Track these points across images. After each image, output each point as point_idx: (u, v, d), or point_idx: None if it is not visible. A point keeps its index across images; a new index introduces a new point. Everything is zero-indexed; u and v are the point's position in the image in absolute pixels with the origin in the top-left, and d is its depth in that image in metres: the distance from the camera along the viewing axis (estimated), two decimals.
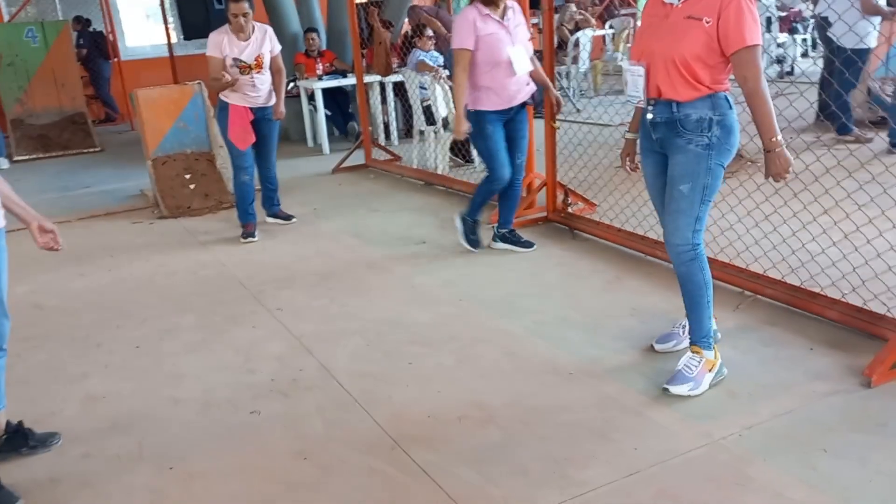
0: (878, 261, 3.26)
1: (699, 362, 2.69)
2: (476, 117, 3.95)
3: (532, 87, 4.05)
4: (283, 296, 3.90)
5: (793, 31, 11.97)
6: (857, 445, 2.30)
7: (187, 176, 5.90)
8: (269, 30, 4.85)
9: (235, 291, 4.03)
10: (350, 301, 3.78)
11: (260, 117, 4.86)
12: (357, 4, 7.39)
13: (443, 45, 7.19)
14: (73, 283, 4.35)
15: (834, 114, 5.92)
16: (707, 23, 2.40)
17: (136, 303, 3.98)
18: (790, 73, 10.73)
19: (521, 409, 2.66)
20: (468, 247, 4.35)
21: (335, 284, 4.03)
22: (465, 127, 3.91)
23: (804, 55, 11.99)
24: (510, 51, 3.84)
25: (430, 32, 7.09)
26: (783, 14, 12.21)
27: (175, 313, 3.77)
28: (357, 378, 2.97)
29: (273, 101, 4.93)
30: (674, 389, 2.66)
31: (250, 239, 4.92)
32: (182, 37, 11.72)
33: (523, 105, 4.05)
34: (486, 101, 3.93)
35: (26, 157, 8.56)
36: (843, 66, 5.71)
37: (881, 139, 5.94)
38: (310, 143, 8.33)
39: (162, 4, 9.60)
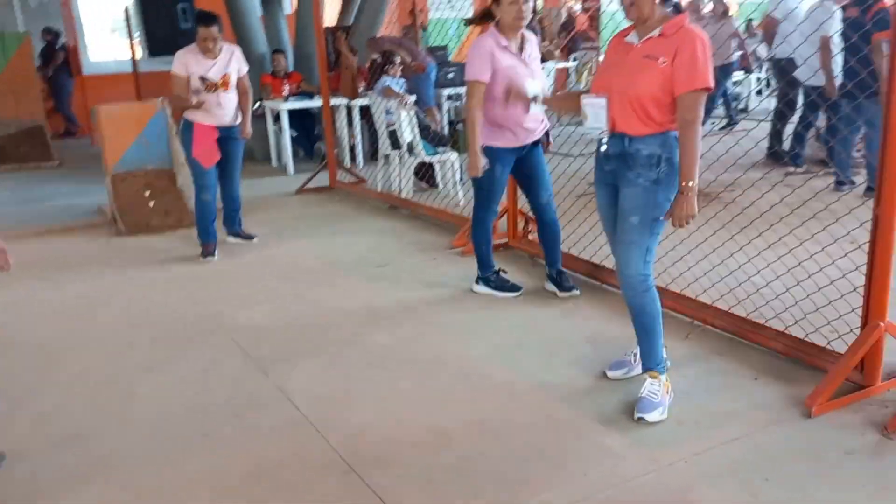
0: (819, 295, 3.39)
1: (659, 386, 2.77)
2: (487, 154, 3.69)
3: (547, 124, 3.86)
4: (242, 316, 3.89)
5: (748, 71, 12.38)
6: (797, 475, 2.38)
7: (147, 193, 5.85)
8: (238, 50, 4.89)
9: (193, 311, 4.00)
10: (309, 322, 3.79)
11: (226, 136, 4.88)
12: (325, 28, 7.48)
13: (407, 72, 7.30)
14: (28, 299, 4.28)
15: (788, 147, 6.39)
16: (662, 63, 2.51)
17: (93, 320, 3.93)
18: (745, 109, 11.09)
19: (476, 433, 2.70)
20: (512, 294, 4.05)
21: (294, 306, 4.04)
22: (483, 163, 3.66)
23: (758, 93, 12.40)
24: (529, 85, 3.53)
25: (398, 60, 7.20)
26: (741, 52, 12.64)
27: (132, 332, 3.74)
28: (313, 400, 2.97)
29: (239, 121, 4.96)
30: (649, 417, 2.70)
31: (210, 258, 4.90)
32: (147, 53, 11.64)
33: (537, 142, 3.84)
34: (501, 138, 3.70)
35: None
36: (807, 105, 6.37)
37: (827, 178, 6.16)
38: (274, 163, 8.33)
39: (127, 19, 9.48)
